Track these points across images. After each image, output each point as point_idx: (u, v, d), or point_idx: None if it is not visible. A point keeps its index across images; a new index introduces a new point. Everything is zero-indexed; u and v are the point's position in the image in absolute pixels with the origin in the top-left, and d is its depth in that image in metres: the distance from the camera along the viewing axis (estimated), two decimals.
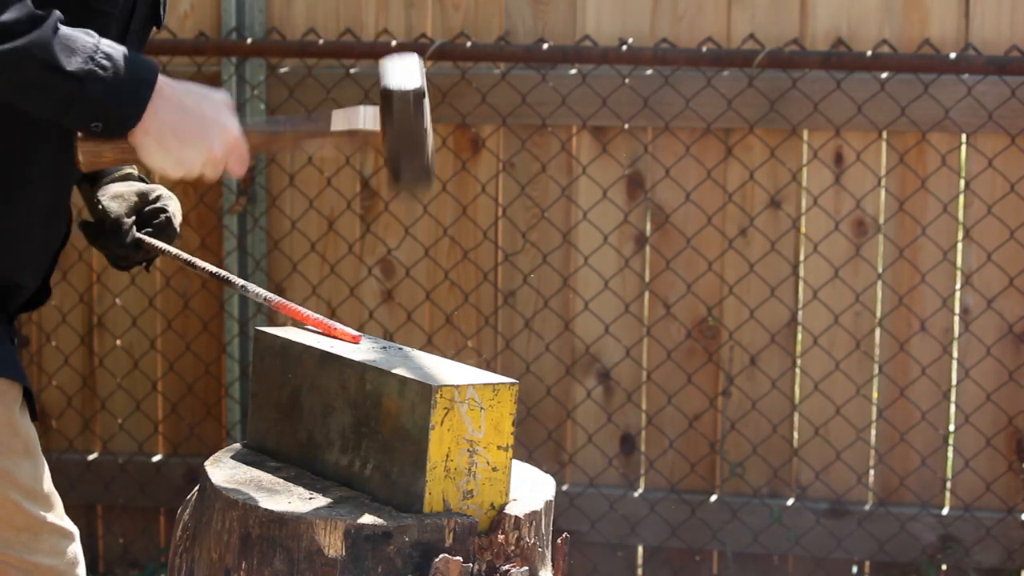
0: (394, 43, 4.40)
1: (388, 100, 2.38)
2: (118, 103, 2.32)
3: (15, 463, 2.53)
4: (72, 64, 2.28)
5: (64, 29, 2.29)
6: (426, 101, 2.41)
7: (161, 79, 2.36)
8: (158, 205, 2.80)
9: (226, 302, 4.67)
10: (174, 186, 4.70)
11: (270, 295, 2.56)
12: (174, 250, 2.71)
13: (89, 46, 2.30)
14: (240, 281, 2.61)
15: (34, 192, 2.51)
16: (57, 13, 2.31)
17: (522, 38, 4.49)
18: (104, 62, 2.30)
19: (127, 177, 2.84)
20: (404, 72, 2.41)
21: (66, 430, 4.80)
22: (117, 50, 2.33)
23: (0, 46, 2.26)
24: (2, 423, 2.50)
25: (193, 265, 2.66)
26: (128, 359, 4.76)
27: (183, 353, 4.74)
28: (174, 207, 2.83)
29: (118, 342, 4.76)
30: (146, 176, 2.89)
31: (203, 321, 4.71)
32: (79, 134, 2.39)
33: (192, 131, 2.35)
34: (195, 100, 2.37)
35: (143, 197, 2.80)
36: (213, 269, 2.64)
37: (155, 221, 2.78)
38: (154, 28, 2.70)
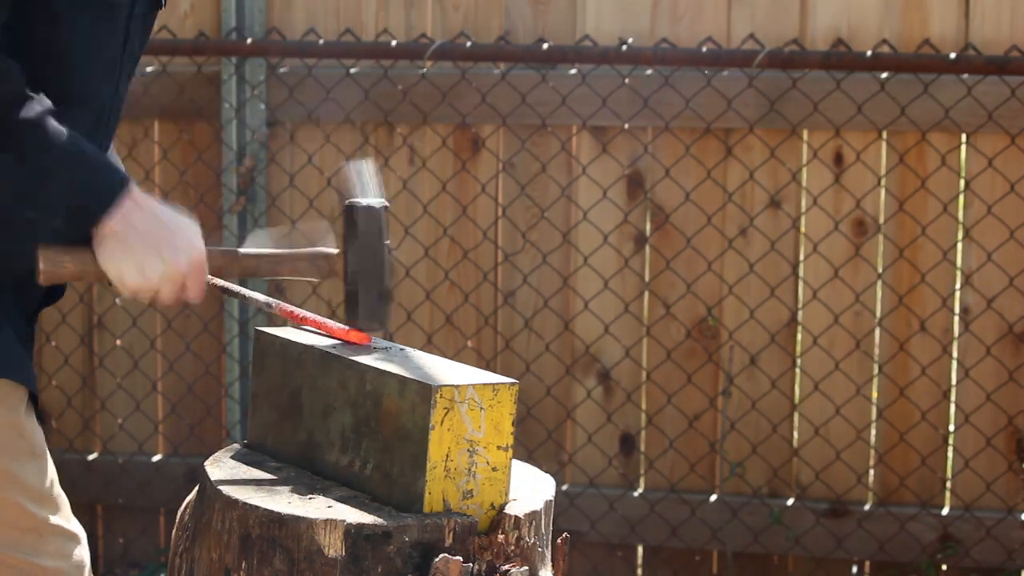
0: (394, 43, 4.41)
1: (352, 216, 2.39)
2: (87, 198, 2.29)
3: (20, 464, 2.52)
4: (40, 157, 2.25)
5: (47, 116, 2.26)
6: (387, 218, 2.40)
7: (135, 189, 2.33)
8: None
9: (226, 302, 4.67)
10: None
11: (273, 300, 2.56)
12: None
13: (64, 141, 2.27)
14: (247, 292, 2.61)
15: None
16: (45, 101, 2.28)
17: (522, 38, 4.49)
18: (75, 163, 2.27)
19: None
20: (366, 184, 2.42)
21: (66, 430, 4.80)
22: (89, 148, 2.30)
23: None
24: (7, 425, 2.49)
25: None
26: (128, 359, 4.76)
27: (183, 353, 4.74)
28: None
29: (118, 342, 4.76)
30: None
31: (203, 321, 4.71)
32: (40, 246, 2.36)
33: (162, 239, 2.32)
34: (168, 212, 2.35)
35: None
36: (221, 283, 2.64)
37: None
38: (157, 15, 2.68)
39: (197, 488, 2.39)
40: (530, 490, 2.34)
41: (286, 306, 2.51)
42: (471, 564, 2.19)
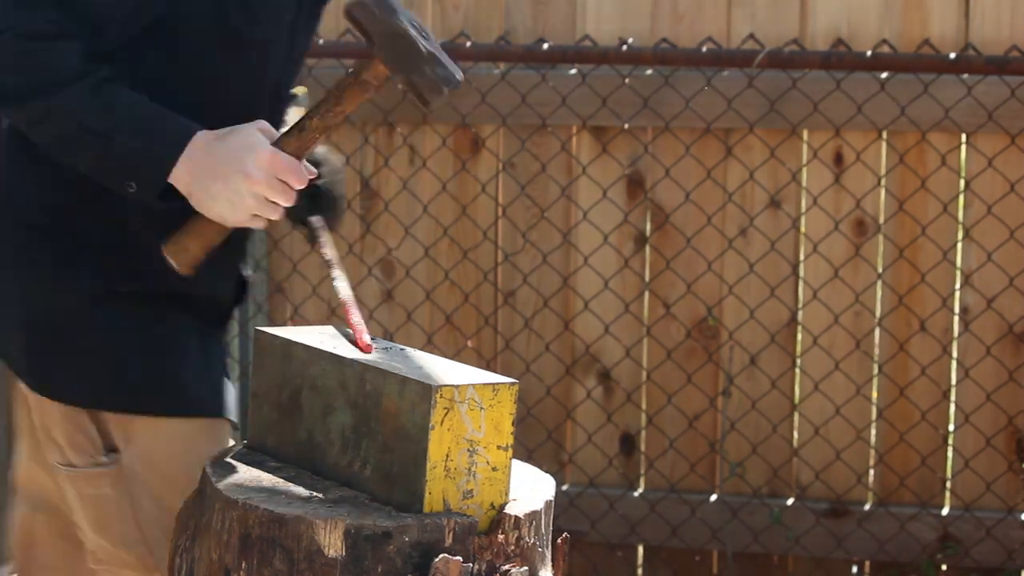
0: None
1: (351, 17, 2.32)
2: (146, 158, 2.31)
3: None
4: (100, 122, 2.28)
5: (107, 87, 2.29)
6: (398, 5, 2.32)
7: (200, 133, 2.33)
8: (324, 187, 2.69)
9: None
10: None
11: (350, 296, 2.57)
12: (327, 250, 2.69)
13: (125, 106, 2.30)
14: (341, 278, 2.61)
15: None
16: (104, 70, 2.30)
17: (522, 38, 4.49)
18: (135, 122, 2.30)
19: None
20: None
21: None
22: (154, 109, 2.32)
23: (36, 99, 2.29)
24: (195, 461, 2.46)
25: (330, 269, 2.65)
26: None
27: None
28: (339, 188, 2.75)
29: None
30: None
31: None
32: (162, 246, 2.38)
33: (224, 163, 2.31)
34: (223, 136, 2.34)
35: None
36: (342, 284, 2.63)
37: (322, 209, 2.73)
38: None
39: (197, 488, 2.39)
40: (530, 490, 2.34)
41: (351, 305, 2.51)
42: (471, 564, 2.19)
